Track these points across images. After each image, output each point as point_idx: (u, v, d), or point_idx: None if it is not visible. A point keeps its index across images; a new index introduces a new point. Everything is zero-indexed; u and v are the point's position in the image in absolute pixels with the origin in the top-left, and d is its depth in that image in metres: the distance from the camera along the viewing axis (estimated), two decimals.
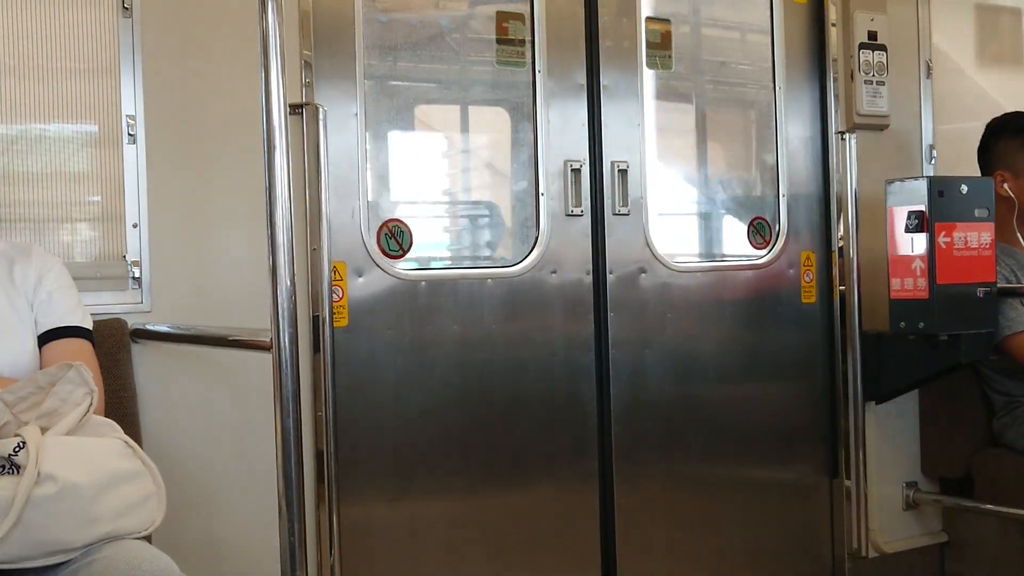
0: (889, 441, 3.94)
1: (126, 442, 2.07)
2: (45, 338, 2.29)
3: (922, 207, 3.51)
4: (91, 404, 2.05)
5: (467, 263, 3.36)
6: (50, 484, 1.88)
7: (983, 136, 3.90)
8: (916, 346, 3.64)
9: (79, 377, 2.04)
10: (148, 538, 2.03)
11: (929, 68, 4.06)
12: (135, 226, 2.74)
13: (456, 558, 3.21)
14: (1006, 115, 3.88)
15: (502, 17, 3.33)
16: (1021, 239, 3.81)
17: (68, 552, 1.90)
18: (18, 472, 1.87)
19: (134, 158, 2.74)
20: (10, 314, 2.25)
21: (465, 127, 3.38)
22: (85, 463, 1.95)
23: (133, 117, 2.73)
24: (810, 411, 3.80)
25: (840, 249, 3.79)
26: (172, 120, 2.79)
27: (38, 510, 1.86)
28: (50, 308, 2.30)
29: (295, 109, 2.90)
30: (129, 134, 2.73)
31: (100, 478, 1.95)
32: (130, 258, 2.74)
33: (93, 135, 2.72)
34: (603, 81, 3.43)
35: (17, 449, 1.90)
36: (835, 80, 3.82)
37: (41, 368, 2.24)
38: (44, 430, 1.98)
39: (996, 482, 3.80)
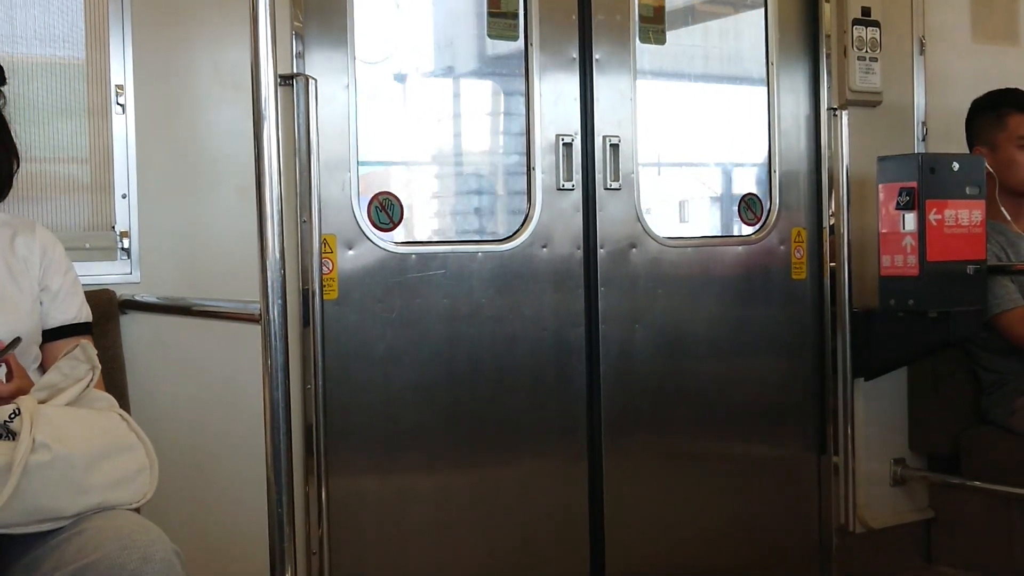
0: (877, 418, 3.96)
1: (121, 415, 2.08)
2: (52, 335, 2.31)
3: (913, 184, 3.51)
4: (92, 380, 2.07)
5: (458, 237, 3.35)
6: (44, 452, 1.89)
7: (967, 113, 3.91)
8: (905, 323, 3.65)
9: (83, 354, 2.06)
10: (138, 510, 2.03)
11: (923, 44, 4.05)
12: (124, 197, 2.73)
13: (445, 531, 3.21)
14: (988, 92, 3.89)
15: None
16: (1005, 213, 3.82)
17: (59, 520, 1.91)
18: (13, 439, 1.88)
19: (123, 128, 2.72)
20: (9, 284, 2.25)
21: (457, 101, 3.37)
22: (79, 433, 1.95)
23: (122, 87, 2.72)
24: (799, 387, 3.81)
25: (831, 226, 3.79)
26: (161, 90, 2.78)
27: (31, 477, 1.87)
28: (58, 305, 2.32)
29: (286, 80, 2.88)
30: (118, 104, 2.72)
31: (93, 449, 1.95)
32: (119, 229, 2.73)
33: (82, 105, 2.70)
34: (595, 55, 3.42)
35: (12, 416, 1.90)
36: (828, 56, 3.81)
37: (44, 362, 2.28)
38: (43, 403, 1.98)
39: (983, 459, 3.82)
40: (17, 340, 2.14)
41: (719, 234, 3.76)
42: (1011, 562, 3.82)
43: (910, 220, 3.53)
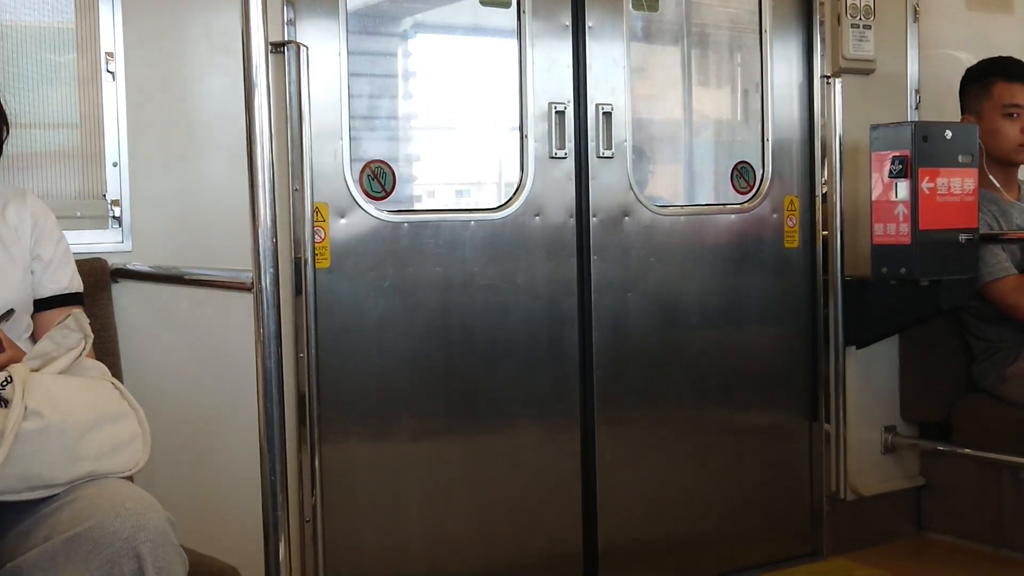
0: (869, 386, 3.97)
1: (113, 384, 2.08)
2: (44, 304, 2.30)
3: (906, 152, 3.51)
4: (84, 349, 2.06)
5: (450, 205, 3.35)
6: (36, 419, 1.89)
7: (960, 82, 3.91)
8: (897, 291, 3.66)
9: (75, 323, 2.05)
10: (131, 479, 2.04)
11: (916, 12, 4.04)
12: (115, 165, 2.72)
13: (438, 499, 3.22)
14: (979, 61, 3.89)
15: None
16: (994, 181, 3.83)
17: (51, 488, 1.91)
18: (6, 406, 1.88)
19: (113, 96, 2.71)
20: (0, 253, 2.24)
21: (449, 69, 3.35)
22: (71, 402, 1.95)
23: (112, 54, 2.70)
24: (791, 355, 3.82)
25: (824, 194, 3.79)
26: (152, 58, 2.76)
27: (23, 444, 1.87)
28: (50, 275, 2.31)
29: (277, 48, 2.87)
30: (108, 71, 2.70)
31: (86, 417, 1.95)
32: (110, 197, 2.72)
33: (71, 73, 2.68)
34: (588, 22, 3.40)
35: (4, 384, 1.90)
36: (821, 23, 3.80)
37: (36, 332, 2.26)
38: (35, 371, 1.98)
39: (974, 427, 3.84)
40: (10, 312, 2.14)
41: (711, 203, 3.75)
42: (1001, 529, 3.84)
43: (903, 188, 3.53)
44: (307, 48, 2.88)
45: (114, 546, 1.79)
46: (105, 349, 2.55)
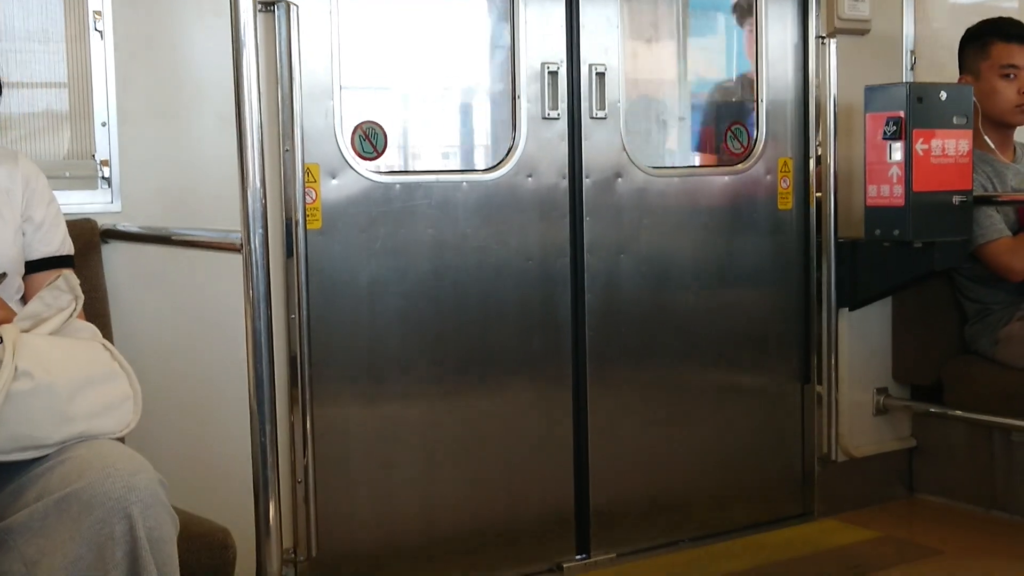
0: (861, 347, 3.97)
1: (104, 345, 2.08)
2: (35, 266, 2.29)
3: (900, 113, 3.49)
4: (75, 310, 2.06)
5: (442, 166, 3.33)
6: (26, 380, 1.89)
7: (959, 43, 3.89)
8: (890, 253, 3.66)
9: (66, 284, 2.05)
10: (122, 440, 2.04)
11: None
12: (104, 125, 2.70)
13: (430, 459, 3.23)
14: (978, 22, 3.87)
15: None
16: (989, 142, 3.82)
17: (41, 448, 1.91)
18: None
19: (101, 55, 2.69)
20: None
21: (442, 28, 3.32)
22: (62, 362, 1.95)
23: (100, 12, 2.68)
24: (784, 317, 3.82)
25: (818, 156, 3.78)
26: (140, 16, 2.74)
27: (13, 405, 1.87)
28: (41, 237, 2.30)
29: (266, 6, 2.85)
30: (96, 30, 2.68)
31: (76, 378, 1.95)
32: (99, 157, 2.71)
33: (59, 31, 2.66)
34: None
35: None
36: None
37: (27, 294, 2.25)
38: (26, 332, 1.98)
39: (965, 388, 3.85)
40: (2, 276, 2.13)
41: (705, 164, 3.74)
42: (991, 490, 3.86)
43: (897, 150, 3.52)
44: (297, 7, 2.85)
45: (105, 506, 1.80)
46: (95, 310, 2.54)
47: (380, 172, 3.12)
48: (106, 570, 1.80)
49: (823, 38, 3.72)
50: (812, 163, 3.78)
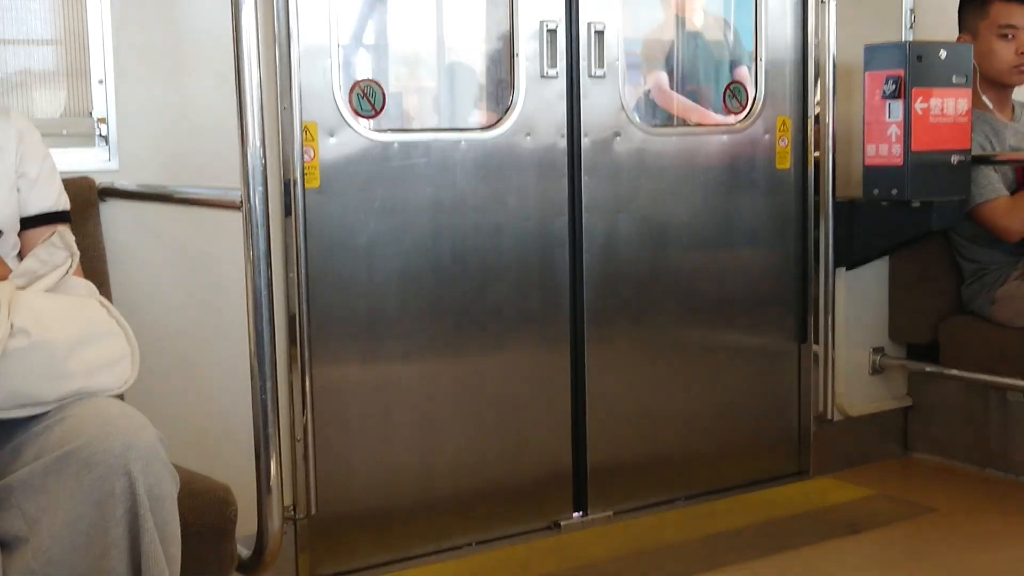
0: (858, 307, 3.98)
1: (101, 302, 2.07)
2: (30, 222, 2.27)
3: (900, 72, 3.48)
4: (70, 266, 2.05)
5: (441, 125, 3.32)
6: (22, 337, 1.88)
7: (959, 1, 3.87)
8: (888, 213, 3.66)
9: (61, 240, 2.04)
10: (122, 397, 2.04)
11: None
12: (101, 82, 2.69)
13: (428, 418, 3.24)
14: None
15: None
16: (987, 102, 3.81)
17: (39, 405, 1.91)
18: None
19: (99, 11, 2.67)
20: None
21: None
22: (58, 319, 1.95)
23: None
24: (781, 276, 3.82)
25: (816, 115, 3.77)
26: None
27: (9, 362, 1.87)
28: (36, 193, 2.28)
29: None
30: None
31: (73, 335, 1.95)
32: (96, 115, 2.69)
33: None
34: None
35: None
36: None
37: (23, 251, 2.24)
38: (22, 290, 1.97)
39: (961, 348, 3.86)
40: None
41: (703, 123, 3.73)
42: (986, 449, 3.88)
43: (896, 109, 3.51)
44: None
45: (105, 464, 1.80)
46: (93, 268, 2.54)
47: (378, 131, 3.11)
48: (107, 527, 1.80)
49: None
50: (811, 122, 3.77)
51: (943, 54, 3.52)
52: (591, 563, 3.21)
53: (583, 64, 3.37)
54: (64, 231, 2.07)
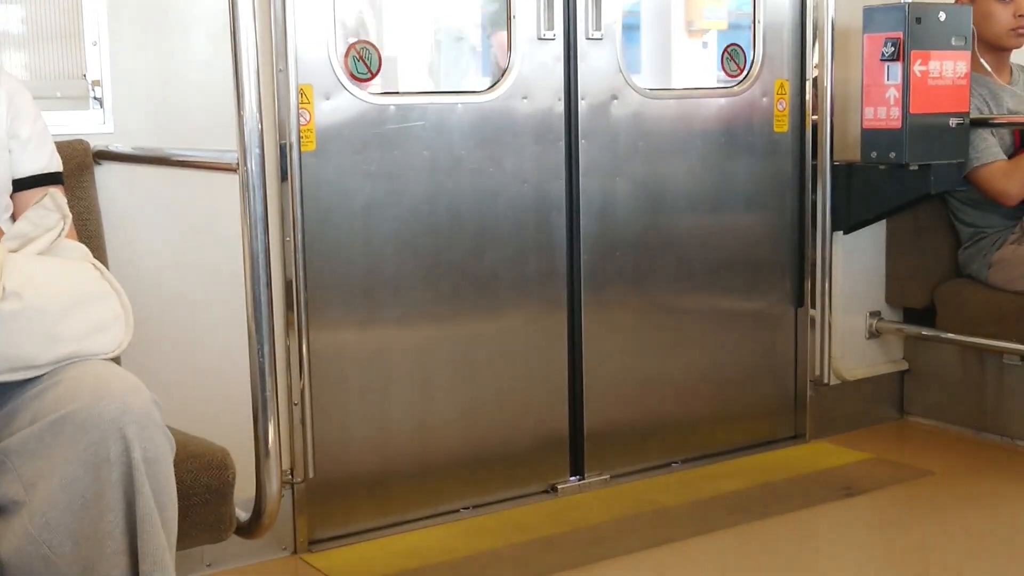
0: (855, 271, 3.98)
1: (94, 265, 2.06)
2: (22, 184, 2.25)
3: (899, 34, 3.46)
4: (63, 229, 2.03)
5: (437, 88, 3.30)
6: (14, 300, 1.87)
7: None
8: (886, 176, 3.65)
9: (52, 203, 2.02)
10: (117, 360, 2.03)
11: None
12: (95, 44, 2.66)
13: (425, 383, 3.24)
14: None
15: None
16: (985, 65, 3.79)
17: (33, 368, 1.90)
18: None
19: None
20: None
21: None
22: (51, 282, 1.93)
23: None
24: (779, 240, 3.82)
25: (814, 78, 3.75)
26: None
27: (2, 325, 1.85)
28: (28, 154, 2.26)
29: None
30: None
31: (66, 298, 1.93)
32: (90, 77, 2.67)
33: None
34: None
35: None
36: None
37: (15, 213, 2.22)
38: (14, 252, 1.96)
39: (958, 312, 3.86)
40: None
41: (701, 85, 3.71)
42: (982, 413, 3.89)
43: (894, 71, 3.49)
44: None
45: (99, 428, 1.79)
46: (89, 232, 2.52)
47: (374, 93, 3.09)
48: (102, 491, 1.80)
49: None
50: (809, 85, 3.75)
51: (942, 16, 3.51)
52: (588, 527, 3.22)
53: (580, 26, 3.34)
54: (56, 193, 2.04)
